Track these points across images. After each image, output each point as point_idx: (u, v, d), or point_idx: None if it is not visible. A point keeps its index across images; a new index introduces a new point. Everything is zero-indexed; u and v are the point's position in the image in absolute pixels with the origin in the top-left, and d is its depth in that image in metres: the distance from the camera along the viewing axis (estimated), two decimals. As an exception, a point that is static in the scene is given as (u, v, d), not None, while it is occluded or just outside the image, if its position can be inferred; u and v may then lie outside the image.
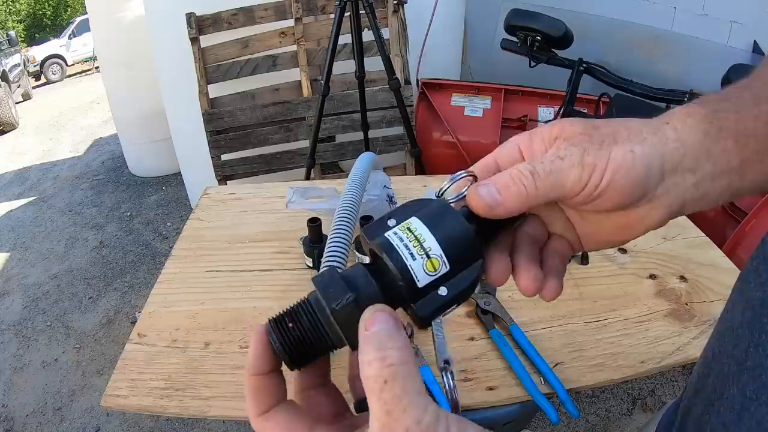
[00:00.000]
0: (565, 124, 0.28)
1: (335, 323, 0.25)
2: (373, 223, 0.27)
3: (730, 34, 2.15)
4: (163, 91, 2.52)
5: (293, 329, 0.26)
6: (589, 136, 0.28)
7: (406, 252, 0.25)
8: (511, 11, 1.81)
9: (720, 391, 0.29)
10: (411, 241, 0.25)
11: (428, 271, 0.25)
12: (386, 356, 0.22)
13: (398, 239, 0.25)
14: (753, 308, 0.28)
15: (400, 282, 0.25)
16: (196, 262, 0.95)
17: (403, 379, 0.21)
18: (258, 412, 0.26)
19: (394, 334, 0.23)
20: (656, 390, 1.67)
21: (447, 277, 0.25)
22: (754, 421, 0.25)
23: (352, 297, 0.25)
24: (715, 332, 0.33)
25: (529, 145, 0.30)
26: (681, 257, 0.90)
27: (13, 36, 8.03)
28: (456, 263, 0.25)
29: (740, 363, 0.27)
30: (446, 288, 0.25)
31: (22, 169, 4.24)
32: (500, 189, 0.27)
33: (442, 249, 0.25)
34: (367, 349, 0.22)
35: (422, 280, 0.25)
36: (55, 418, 1.77)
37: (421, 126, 2.45)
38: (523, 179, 0.27)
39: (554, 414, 0.64)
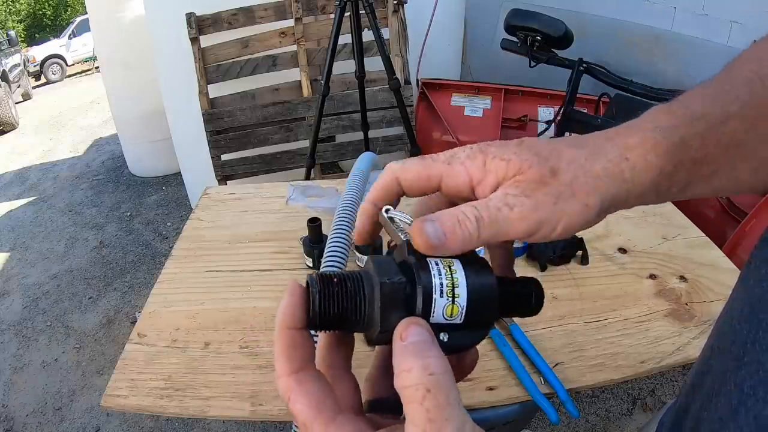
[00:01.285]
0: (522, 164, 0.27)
1: (378, 297, 0.25)
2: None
3: (730, 34, 2.15)
4: (163, 91, 2.52)
5: (335, 288, 0.26)
6: (545, 185, 0.27)
7: (438, 285, 0.25)
8: (511, 11, 1.81)
9: (718, 387, 0.29)
10: (447, 279, 0.25)
11: (446, 314, 0.25)
12: (427, 364, 0.22)
13: (437, 270, 0.26)
14: (751, 305, 0.28)
15: (417, 307, 0.25)
16: (196, 262, 0.95)
17: (447, 389, 0.21)
18: (290, 369, 0.25)
19: (432, 345, 0.23)
20: (656, 390, 1.67)
21: (455, 327, 0.26)
22: (751, 416, 0.25)
23: (405, 279, 0.25)
24: (714, 330, 0.34)
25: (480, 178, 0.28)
26: (681, 257, 0.90)
27: (13, 36, 8.03)
28: (469, 321, 0.26)
29: (738, 359, 0.28)
30: (448, 336, 0.26)
31: (22, 169, 4.24)
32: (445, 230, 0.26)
33: (467, 302, 0.25)
34: (405, 358, 0.22)
35: (437, 317, 0.25)
36: (55, 418, 1.77)
37: (421, 126, 2.46)
38: (469, 225, 0.26)
39: (554, 414, 0.64)
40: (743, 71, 0.30)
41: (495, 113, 2.38)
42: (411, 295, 0.25)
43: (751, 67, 0.30)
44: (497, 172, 0.27)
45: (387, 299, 0.25)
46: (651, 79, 1.83)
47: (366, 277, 0.26)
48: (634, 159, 0.27)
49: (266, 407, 0.66)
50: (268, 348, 0.76)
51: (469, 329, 0.26)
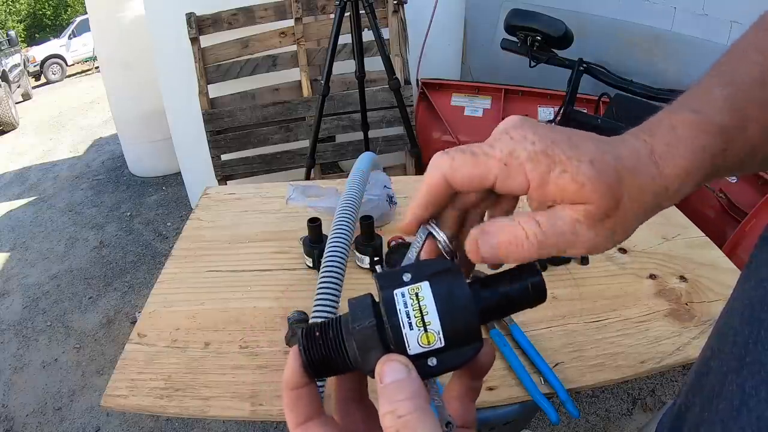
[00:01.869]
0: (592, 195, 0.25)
1: (354, 342, 0.26)
2: (388, 272, 0.27)
3: (730, 34, 2.14)
4: (163, 91, 2.51)
5: (318, 339, 0.27)
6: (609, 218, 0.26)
7: (405, 320, 0.25)
8: (511, 11, 1.81)
9: (719, 388, 0.29)
10: (414, 310, 0.26)
11: (422, 343, 0.25)
12: (396, 409, 0.23)
13: (402, 303, 0.26)
14: (752, 306, 0.28)
15: (391, 344, 0.26)
16: (196, 262, 0.95)
17: (414, 428, 0.23)
18: (296, 423, 0.27)
19: (404, 385, 0.24)
20: (656, 390, 1.67)
21: (439, 351, 0.26)
22: (753, 417, 0.25)
23: (374, 322, 0.26)
24: (715, 331, 0.34)
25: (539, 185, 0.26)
26: (681, 257, 0.90)
27: (13, 36, 8.04)
28: (451, 342, 0.26)
29: (740, 359, 0.28)
30: (436, 360, 0.26)
31: (22, 169, 4.24)
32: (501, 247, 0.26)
33: (441, 326, 0.25)
34: (382, 402, 0.24)
35: (413, 349, 0.25)
36: (55, 418, 1.77)
37: (421, 126, 2.45)
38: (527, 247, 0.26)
39: (554, 414, 0.64)
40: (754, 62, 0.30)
41: (495, 113, 2.38)
42: (384, 334, 0.26)
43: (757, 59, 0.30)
44: (564, 190, 0.26)
45: (361, 344, 0.26)
46: (651, 79, 1.82)
47: (344, 322, 0.27)
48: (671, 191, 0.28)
49: (266, 407, 0.66)
50: (268, 348, 0.76)
51: (456, 348, 0.26)
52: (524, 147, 0.26)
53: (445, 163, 0.28)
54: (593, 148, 0.27)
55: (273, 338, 0.77)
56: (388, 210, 1.01)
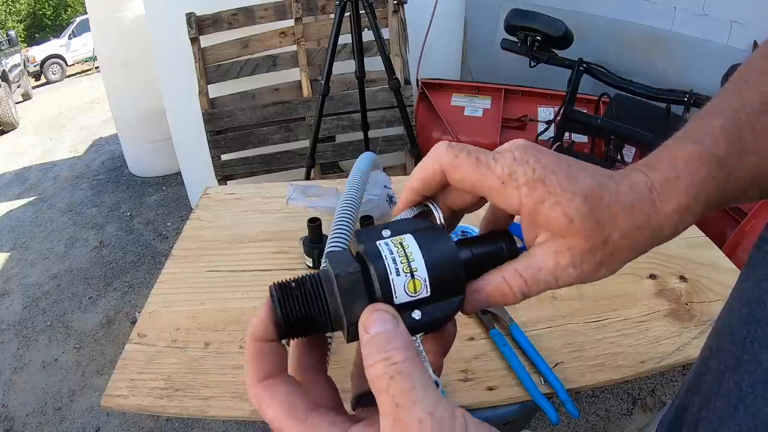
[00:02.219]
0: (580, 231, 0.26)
1: (337, 291, 0.25)
2: (367, 229, 0.27)
3: (730, 34, 2.15)
4: (163, 91, 2.52)
5: (295, 293, 0.26)
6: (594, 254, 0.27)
7: (392, 266, 0.24)
8: (511, 11, 1.81)
9: (716, 387, 0.29)
10: (400, 256, 0.25)
11: (408, 290, 0.25)
12: (389, 356, 0.22)
13: (388, 251, 0.25)
14: (749, 304, 0.29)
15: (378, 293, 0.25)
16: (196, 262, 0.95)
17: (409, 374, 0.21)
18: (257, 378, 0.25)
19: (394, 336, 0.23)
20: (656, 390, 1.67)
21: (424, 301, 0.25)
22: (750, 414, 0.25)
23: (359, 268, 0.25)
24: (713, 331, 0.34)
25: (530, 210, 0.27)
26: (681, 257, 0.90)
27: (13, 36, 8.03)
28: (437, 292, 0.25)
29: (737, 358, 0.28)
30: (420, 312, 0.25)
31: (22, 169, 4.24)
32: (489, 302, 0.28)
33: (427, 273, 0.25)
34: (369, 353, 0.22)
35: (400, 297, 0.25)
36: (55, 418, 1.77)
37: (421, 126, 2.46)
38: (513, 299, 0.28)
39: (554, 414, 0.64)
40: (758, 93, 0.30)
41: (495, 113, 2.38)
42: (369, 282, 0.25)
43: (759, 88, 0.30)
44: (553, 221, 0.26)
45: (346, 291, 0.24)
46: (651, 79, 1.83)
47: (324, 274, 0.26)
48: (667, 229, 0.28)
49: (266, 407, 0.66)
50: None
51: (441, 300, 0.25)
52: (524, 171, 0.27)
53: (447, 157, 0.28)
54: (590, 183, 0.27)
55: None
56: (388, 210, 1.01)
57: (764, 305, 0.27)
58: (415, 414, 0.21)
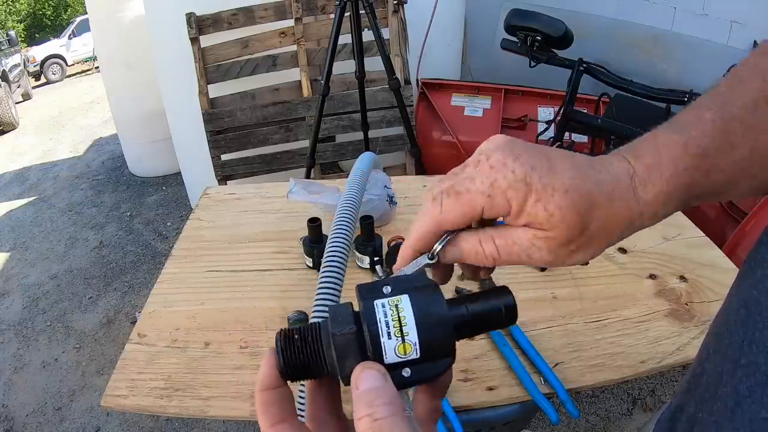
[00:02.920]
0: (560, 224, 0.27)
1: (333, 348, 0.27)
2: (370, 283, 0.28)
3: (730, 34, 2.15)
4: (163, 91, 2.51)
5: (297, 342, 0.28)
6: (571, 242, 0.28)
7: (385, 329, 0.26)
8: (511, 11, 1.81)
9: (714, 389, 0.29)
10: (393, 320, 0.26)
11: (398, 353, 0.26)
12: (373, 412, 0.24)
13: (382, 313, 0.27)
14: (747, 306, 0.28)
15: (369, 352, 0.26)
16: (196, 262, 0.95)
17: (390, 429, 0.23)
18: (269, 424, 0.27)
19: (381, 392, 0.24)
20: (656, 390, 1.67)
21: (414, 362, 0.27)
22: (747, 419, 0.25)
23: (354, 329, 0.27)
24: (711, 331, 0.34)
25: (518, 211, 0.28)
26: (681, 257, 0.90)
27: (13, 36, 8.03)
28: (427, 355, 0.27)
29: (734, 361, 0.28)
30: (410, 371, 0.27)
31: (22, 169, 4.24)
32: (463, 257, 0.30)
33: (418, 339, 0.26)
34: (358, 407, 0.24)
35: (390, 358, 0.26)
36: (55, 418, 1.77)
37: (421, 126, 2.45)
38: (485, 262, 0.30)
39: (554, 414, 0.64)
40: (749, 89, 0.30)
41: (495, 113, 2.38)
42: (363, 342, 0.27)
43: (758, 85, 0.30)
44: (536, 216, 0.28)
45: (341, 349, 0.27)
46: (651, 79, 1.82)
47: (324, 328, 0.28)
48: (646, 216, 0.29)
49: (266, 407, 0.66)
50: (268, 348, 0.76)
51: (431, 361, 0.27)
52: (504, 175, 0.28)
53: (435, 211, 0.30)
54: (571, 175, 0.28)
55: (273, 338, 0.77)
56: (388, 210, 1.01)
57: (762, 307, 0.27)
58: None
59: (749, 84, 0.30)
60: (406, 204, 1.09)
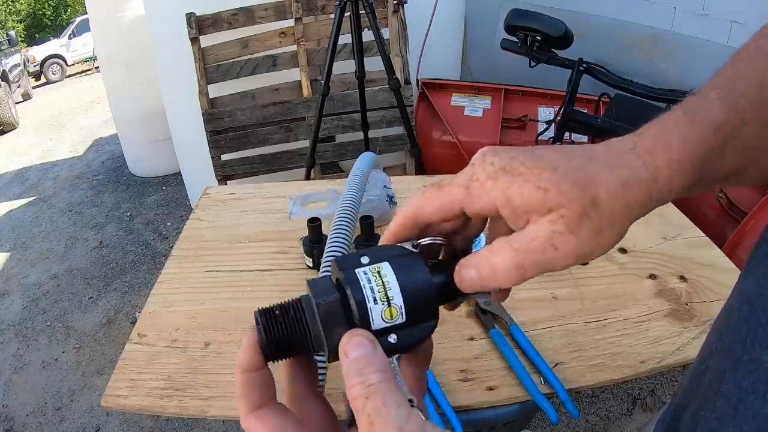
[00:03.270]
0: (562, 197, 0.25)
1: (318, 318, 0.26)
2: (347, 255, 0.28)
3: (730, 34, 2.15)
4: (163, 91, 2.52)
5: (279, 319, 0.27)
6: (589, 218, 0.26)
7: (370, 294, 0.26)
8: (511, 11, 1.81)
9: (716, 386, 0.29)
10: (377, 285, 0.26)
11: (385, 317, 0.26)
12: (365, 379, 0.23)
13: (366, 279, 0.26)
14: (749, 302, 0.28)
15: (356, 319, 0.26)
16: (196, 262, 0.95)
17: (383, 394, 0.23)
18: (249, 409, 0.27)
19: (372, 359, 0.24)
20: (656, 390, 1.67)
21: (400, 327, 0.26)
22: (750, 414, 0.25)
23: (339, 296, 0.26)
24: (713, 330, 0.34)
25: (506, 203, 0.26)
26: (681, 257, 0.89)
27: (13, 36, 8.04)
28: (412, 318, 0.26)
29: (737, 357, 0.28)
30: (396, 336, 0.26)
31: (22, 169, 4.24)
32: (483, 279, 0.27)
33: (403, 301, 0.26)
34: (349, 375, 0.24)
35: (377, 324, 0.26)
36: (55, 418, 1.77)
37: (421, 126, 2.45)
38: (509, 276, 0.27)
39: (554, 414, 0.64)
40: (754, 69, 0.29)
41: (495, 113, 2.38)
42: (348, 309, 0.26)
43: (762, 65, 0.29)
44: (531, 201, 0.26)
45: (326, 319, 0.26)
46: (651, 79, 1.82)
47: (306, 301, 0.27)
48: (662, 183, 0.27)
49: (266, 407, 0.66)
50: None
51: (416, 325, 0.27)
52: (483, 168, 0.27)
53: (418, 200, 0.29)
54: (557, 156, 0.27)
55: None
56: (388, 210, 1.01)
57: (765, 304, 0.27)
58: (387, 430, 0.22)
59: (753, 64, 0.30)
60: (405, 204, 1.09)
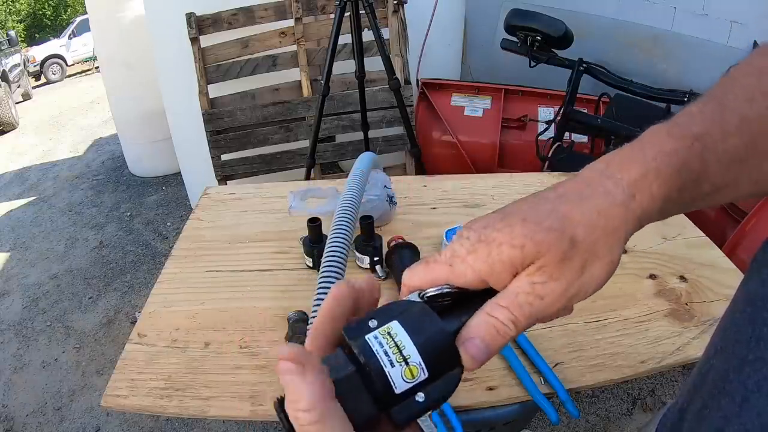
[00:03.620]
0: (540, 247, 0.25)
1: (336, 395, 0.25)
2: (353, 322, 0.27)
3: (730, 34, 2.14)
4: (163, 91, 2.51)
5: None
6: (569, 260, 0.26)
7: (386, 359, 0.25)
8: (511, 11, 1.81)
9: (721, 385, 0.29)
10: (391, 347, 0.25)
11: (406, 378, 0.25)
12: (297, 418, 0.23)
13: (378, 344, 0.25)
14: (754, 303, 0.28)
15: (378, 388, 0.25)
16: (196, 262, 0.95)
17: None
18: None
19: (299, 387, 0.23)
20: (656, 390, 1.67)
21: (424, 383, 0.26)
22: (755, 413, 0.25)
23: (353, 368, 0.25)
24: (718, 329, 0.34)
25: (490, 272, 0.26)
26: (681, 257, 0.90)
27: (13, 36, 8.03)
28: (435, 371, 0.26)
29: (742, 357, 0.28)
30: (423, 394, 0.26)
31: (22, 169, 4.24)
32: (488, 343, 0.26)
33: (421, 357, 0.25)
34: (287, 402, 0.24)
35: (400, 387, 0.25)
36: (55, 418, 1.77)
37: (421, 126, 2.45)
38: (507, 332, 0.26)
39: (554, 414, 0.64)
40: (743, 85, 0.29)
41: (495, 113, 2.38)
42: (368, 379, 0.25)
43: (751, 81, 0.29)
44: (512, 261, 0.26)
45: (345, 394, 0.25)
46: (651, 79, 1.82)
47: None
48: (640, 197, 0.27)
49: (266, 407, 0.66)
50: (268, 348, 0.76)
51: (440, 377, 0.26)
52: (461, 244, 0.27)
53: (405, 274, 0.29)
54: (526, 207, 0.27)
55: (273, 338, 0.77)
56: (388, 210, 1.01)
57: None
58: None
59: (743, 80, 0.30)
60: (406, 204, 1.09)
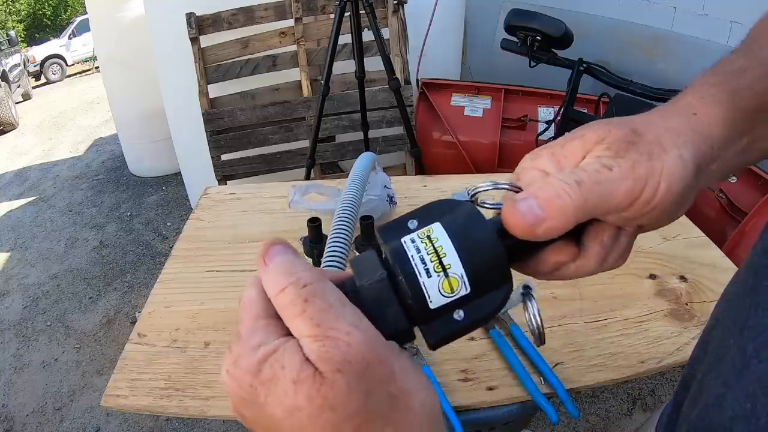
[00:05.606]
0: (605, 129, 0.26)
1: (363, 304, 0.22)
2: (391, 222, 0.23)
3: (730, 34, 2.14)
4: (163, 91, 2.51)
5: None
6: (634, 144, 0.25)
7: (421, 266, 0.21)
8: (511, 11, 1.81)
9: (721, 353, 0.29)
10: (429, 253, 0.21)
11: (444, 291, 0.21)
12: (299, 279, 0.21)
13: (414, 249, 0.22)
14: (756, 273, 0.29)
15: (409, 299, 0.22)
16: (196, 262, 0.95)
17: (323, 293, 0.20)
18: None
19: (297, 261, 0.22)
20: (656, 390, 1.67)
21: (465, 300, 0.22)
22: (754, 377, 0.25)
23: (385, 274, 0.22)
24: (718, 303, 0.34)
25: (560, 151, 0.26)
26: (681, 257, 0.89)
27: (13, 36, 8.04)
28: (478, 286, 0.22)
29: (741, 324, 0.28)
30: (463, 312, 0.22)
31: (22, 169, 4.24)
32: (542, 204, 0.22)
33: (464, 268, 0.21)
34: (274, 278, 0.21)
35: (435, 301, 0.21)
36: (55, 418, 1.77)
37: (421, 126, 2.45)
38: (569, 191, 0.23)
39: (554, 414, 0.64)
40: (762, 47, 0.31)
41: (495, 113, 2.38)
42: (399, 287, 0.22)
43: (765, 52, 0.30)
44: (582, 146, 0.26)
45: (373, 303, 0.21)
46: (651, 79, 1.82)
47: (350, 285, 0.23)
48: (700, 113, 0.27)
49: (266, 407, 0.66)
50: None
51: (485, 294, 0.22)
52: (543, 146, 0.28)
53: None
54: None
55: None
56: (388, 210, 1.01)
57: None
58: (341, 328, 0.20)
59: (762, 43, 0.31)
60: (406, 204, 1.09)
